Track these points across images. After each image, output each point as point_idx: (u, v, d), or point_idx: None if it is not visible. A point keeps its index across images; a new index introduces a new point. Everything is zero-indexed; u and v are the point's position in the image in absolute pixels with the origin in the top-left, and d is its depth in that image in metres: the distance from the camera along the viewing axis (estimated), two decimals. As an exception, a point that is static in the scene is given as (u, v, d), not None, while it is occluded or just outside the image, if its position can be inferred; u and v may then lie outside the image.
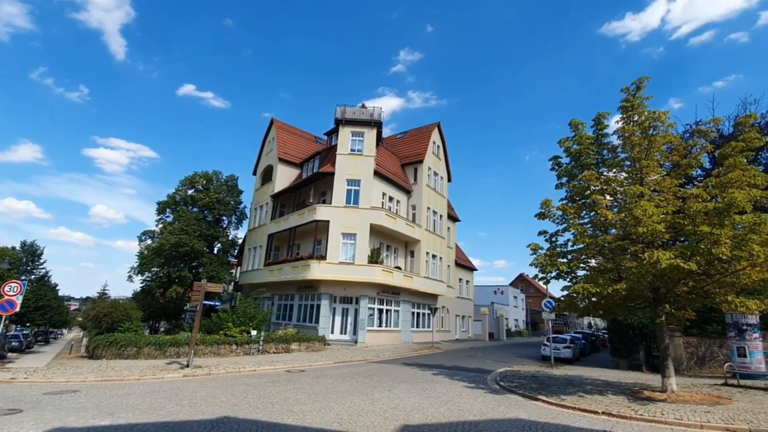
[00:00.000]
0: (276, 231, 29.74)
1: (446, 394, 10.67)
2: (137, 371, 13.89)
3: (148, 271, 29.24)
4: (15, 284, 14.49)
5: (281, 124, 36.00)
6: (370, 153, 27.49)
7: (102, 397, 9.67)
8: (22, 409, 8.18)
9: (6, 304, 13.91)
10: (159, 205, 30.95)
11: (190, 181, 31.93)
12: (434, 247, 32.73)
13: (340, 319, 25.59)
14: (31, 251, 31.96)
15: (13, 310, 14.20)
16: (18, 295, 14.46)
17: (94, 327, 22.10)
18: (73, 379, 12.38)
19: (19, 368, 15.62)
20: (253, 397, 9.56)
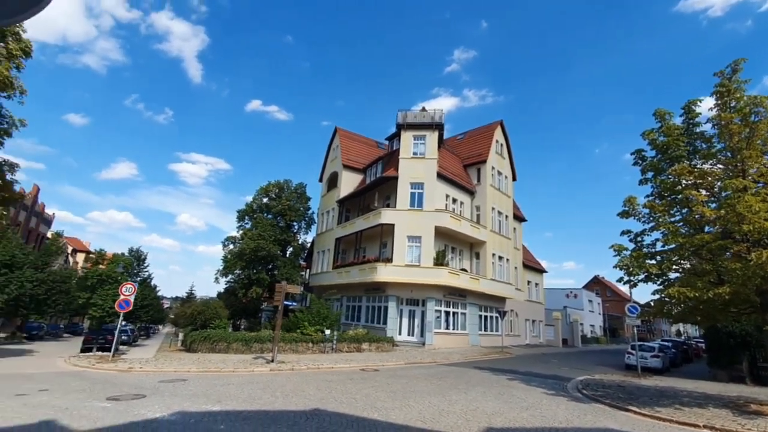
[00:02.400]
0: (343, 235, 30.96)
1: (525, 400, 10.44)
2: (230, 364, 15.37)
3: (231, 273, 32.07)
4: (129, 285, 16.85)
5: (344, 131, 37.41)
6: (432, 155, 27.58)
7: (207, 386, 10.90)
8: (145, 394, 9.53)
9: (123, 302, 16.21)
10: (239, 213, 33.85)
11: (264, 190, 34.47)
12: (500, 248, 31.83)
13: (407, 320, 25.93)
14: (137, 256, 36.79)
15: (129, 308, 16.51)
16: (132, 295, 16.76)
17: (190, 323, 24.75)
18: (180, 370, 14.07)
19: (132, 359, 18.06)
20: (337, 393, 10.17)
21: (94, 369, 14.55)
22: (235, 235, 33.79)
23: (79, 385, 10.77)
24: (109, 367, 14.69)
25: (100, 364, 15.31)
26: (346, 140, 36.17)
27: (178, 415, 7.49)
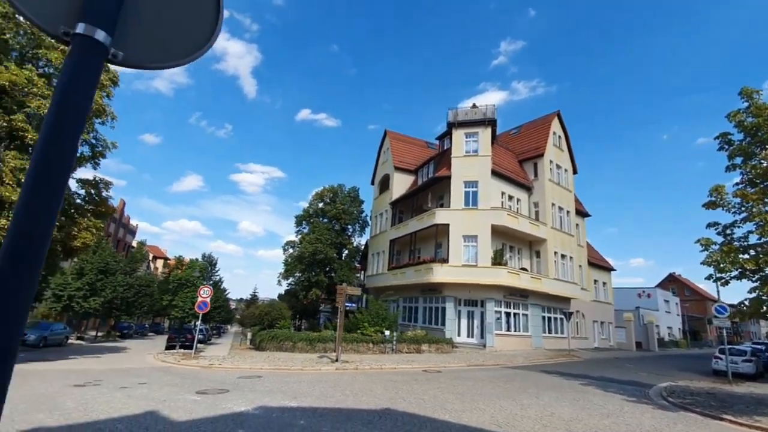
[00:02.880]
0: (397, 236, 31.17)
1: (605, 407, 9.84)
2: (298, 363, 16.12)
3: (292, 276, 33.62)
4: (207, 288, 18.31)
5: (394, 134, 37.69)
6: (485, 153, 26.92)
7: (281, 383, 11.53)
8: (228, 389, 10.29)
9: (202, 304, 17.63)
10: (297, 218, 35.43)
11: (319, 195, 35.75)
12: (562, 245, 30.23)
13: (465, 321, 25.51)
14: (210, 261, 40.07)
15: (207, 309, 17.95)
16: (209, 297, 18.19)
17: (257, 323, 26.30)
18: (254, 367, 15.01)
19: (210, 356, 19.56)
20: (404, 393, 10.28)
21: (180, 365, 15.98)
22: (294, 239, 35.40)
23: (170, 380, 11.89)
24: (193, 364, 16.06)
25: (185, 360, 16.78)
26: (396, 142, 36.39)
27: (261, 409, 8.01)
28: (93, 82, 1.01)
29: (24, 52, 14.35)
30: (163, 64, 1.21)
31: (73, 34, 1.01)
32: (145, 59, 1.17)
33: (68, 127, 0.96)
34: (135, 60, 1.15)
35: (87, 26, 1.01)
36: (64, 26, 1.03)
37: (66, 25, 1.03)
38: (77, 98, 0.98)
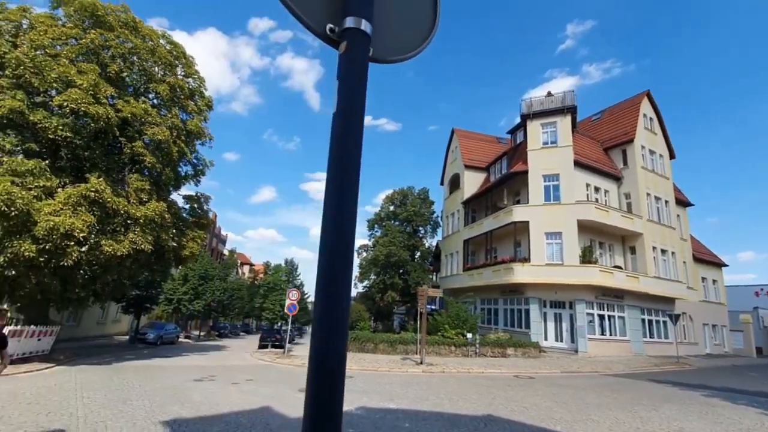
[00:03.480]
0: (471, 236, 30.31)
1: (741, 422, 8.46)
2: (383, 364, 16.32)
3: (367, 279, 34.39)
4: (294, 292, 19.39)
5: (462, 131, 36.85)
6: (565, 143, 25.09)
7: (372, 383, 11.71)
8: (326, 387, 10.68)
9: (291, 306, 18.69)
10: (368, 222, 36.23)
11: (389, 198, 36.20)
12: (662, 239, 27.02)
13: (552, 324, 23.90)
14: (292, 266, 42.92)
15: (296, 311, 18.98)
16: (297, 300, 19.24)
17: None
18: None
19: (301, 356, 20.65)
20: (501, 399, 9.82)
21: (276, 363, 17.09)
22: (367, 243, 36.20)
23: (272, 377, 12.72)
24: (287, 362, 17.09)
25: (280, 359, 17.93)
26: (465, 140, 35.52)
27: (362, 410, 8.16)
28: (366, 75, 0.98)
29: (137, 86, 16.49)
30: (395, 57, 1.17)
31: (344, 30, 0.99)
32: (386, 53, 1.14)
33: (353, 122, 0.93)
34: (378, 53, 1.12)
35: (355, 19, 0.99)
36: (331, 23, 1.02)
37: (332, 22, 1.02)
38: (357, 93, 0.95)
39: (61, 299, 13.24)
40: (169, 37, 16.69)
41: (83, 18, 14.16)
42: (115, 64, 14.32)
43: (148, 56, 15.44)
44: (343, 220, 0.87)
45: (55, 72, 12.26)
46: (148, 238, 13.96)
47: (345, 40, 0.99)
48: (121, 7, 15.14)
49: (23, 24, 13.80)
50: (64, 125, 12.29)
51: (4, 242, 10.61)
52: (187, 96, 16.94)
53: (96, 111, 12.35)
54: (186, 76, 17.37)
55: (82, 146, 13.12)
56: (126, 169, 14.67)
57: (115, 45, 14.35)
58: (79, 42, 13.65)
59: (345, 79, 0.96)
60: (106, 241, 12.63)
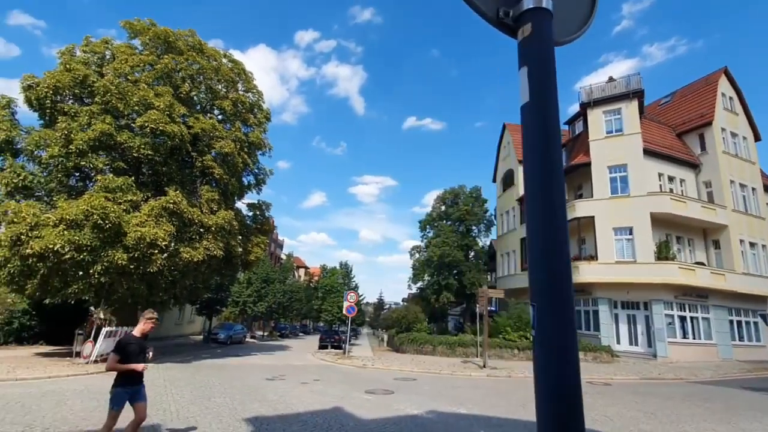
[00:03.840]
0: (529, 234, 29.04)
1: None
2: (444, 367, 16.05)
3: (420, 280, 34.15)
4: (352, 294, 19.73)
5: (514, 126, 35.50)
6: (633, 130, 23.21)
7: (438, 387, 11.53)
8: (392, 390, 10.67)
9: (350, 308, 19.02)
10: (420, 223, 35.97)
11: (441, 198, 35.70)
12: (750, 231, 24.08)
13: (625, 327, 22.16)
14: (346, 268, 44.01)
15: (354, 313, 19.29)
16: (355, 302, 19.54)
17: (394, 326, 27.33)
18: (404, 369, 15.45)
19: (360, 357, 20.91)
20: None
21: (337, 364, 17.45)
22: (419, 244, 35.97)
23: (337, 378, 12.98)
24: (348, 363, 17.38)
25: (341, 360, 18.29)
26: (518, 134, 34.10)
27: (434, 414, 8.03)
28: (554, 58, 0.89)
29: (204, 104, 17.72)
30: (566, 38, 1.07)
31: (524, 12, 0.91)
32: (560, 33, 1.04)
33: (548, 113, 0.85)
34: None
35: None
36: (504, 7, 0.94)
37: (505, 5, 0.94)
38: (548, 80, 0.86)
39: (148, 302, 14.54)
40: (230, 55, 17.80)
41: (157, 45, 15.50)
42: (185, 84, 15.52)
43: (213, 75, 16.54)
44: (553, 219, 0.79)
45: (136, 96, 13.52)
46: (219, 245, 14.91)
47: (528, 23, 0.90)
48: (188, 32, 16.39)
49: (106, 55, 15.39)
50: (146, 144, 13.52)
51: (101, 252, 11.84)
52: (247, 110, 17.91)
53: (172, 129, 13.45)
54: (246, 91, 18.38)
55: (161, 162, 14.34)
56: (198, 181, 15.79)
57: (185, 67, 15.55)
58: (154, 67, 14.96)
59: (533, 65, 0.88)
60: (184, 248, 13.67)
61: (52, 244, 11.01)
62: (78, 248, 11.44)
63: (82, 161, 12.72)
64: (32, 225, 11.17)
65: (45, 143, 12.83)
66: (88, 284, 12.27)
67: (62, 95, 13.58)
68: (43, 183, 13.16)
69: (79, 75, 13.41)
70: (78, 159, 12.67)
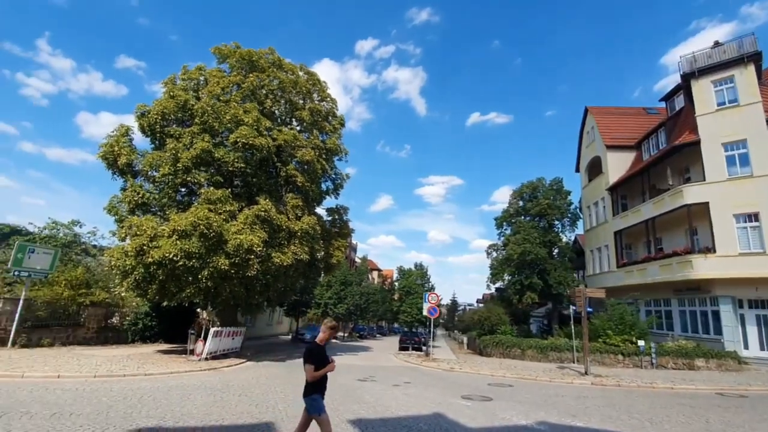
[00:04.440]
0: (624, 227, 26.17)
1: None
2: (539, 372, 14.96)
3: (500, 279, 32.59)
4: (434, 295, 19.37)
5: (597, 109, 32.50)
6: (751, 99, 19.77)
7: (538, 394, 10.69)
8: (490, 397, 10.09)
9: (432, 310, 18.68)
10: (497, 220, 34.34)
11: (518, 193, 33.75)
12: None
13: (755, 330, 18.84)
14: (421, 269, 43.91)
15: (437, 314, 18.89)
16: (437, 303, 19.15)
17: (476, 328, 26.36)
18: (495, 374, 14.66)
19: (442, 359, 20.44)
20: (719, 424, 7.86)
21: (423, 366, 17.20)
22: (496, 242, 34.35)
23: (427, 381, 12.71)
24: (434, 366, 17.03)
25: (426, 362, 18.01)
26: (602, 117, 31.18)
27: (546, 426, 7.36)
28: None
29: (283, 117, 18.70)
30: None
31: None
32: None
33: None
34: None
35: None
36: None
37: None
38: None
39: (246, 304, 15.65)
40: (305, 68, 18.60)
41: (242, 66, 16.72)
42: (268, 100, 16.52)
43: (291, 88, 17.40)
44: None
45: (228, 115, 14.67)
46: (305, 249, 15.56)
47: None
48: (268, 50, 17.45)
49: (201, 80, 16.94)
50: (238, 158, 14.60)
51: (207, 258, 12.98)
52: (323, 118, 18.55)
53: (260, 142, 14.37)
54: (321, 100, 19.05)
55: (251, 174, 15.38)
56: (282, 189, 16.68)
57: (267, 83, 16.55)
58: (241, 87, 16.13)
59: None
60: (275, 253, 14.47)
61: (168, 252, 12.31)
62: (188, 256, 12.65)
63: (187, 177, 14.14)
64: (151, 236, 12.61)
65: (157, 163, 14.47)
66: (198, 288, 13.53)
67: (168, 120, 15.22)
68: (157, 199, 14.84)
69: (180, 100, 14.93)
70: (184, 175, 14.10)
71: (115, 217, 15.05)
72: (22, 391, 7.91)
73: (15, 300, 13.62)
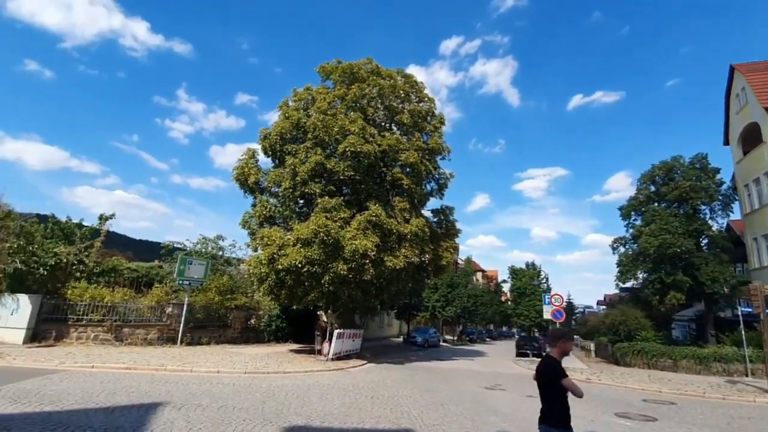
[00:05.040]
0: (807, 207, 20.61)
1: None
2: (706, 387, 12.40)
3: (632, 278, 28.39)
4: (557, 296, 17.59)
5: (747, 65, 26.55)
6: None
7: (713, 416, 8.75)
8: (651, 416, 8.54)
9: (557, 313, 16.96)
10: (622, 210, 30.05)
11: (648, 176, 29.05)
12: None
13: None
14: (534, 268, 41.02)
15: (562, 318, 17.11)
16: (561, 305, 17.35)
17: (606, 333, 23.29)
18: (646, 388, 12.55)
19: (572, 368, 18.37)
20: None
21: (551, 375, 15.65)
22: (623, 236, 30.05)
23: (564, 392, 11.42)
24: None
25: (553, 370, 16.39)
26: (756, 75, 25.25)
27: (749, 459, 5.85)
28: None
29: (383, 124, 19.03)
30: None
31: None
32: None
33: None
34: None
35: None
36: None
37: None
38: None
39: (363, 307, 16.18)
40: (402, 71, 18.72)
41: (344, 79, 17.50)
42: (370, 108, 16.98)
43: (390, 93, 17.63)
44: None
45: (336, 127, 15.44)
46: (415, 251, 15.49)
47: None
48: (366, 60, 18.01)
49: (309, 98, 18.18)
50: (348, 166, 15.26)
51: (327, 264, 13.74)
52: (423, 118, 18.40)
53: (367, 149, 14.81)
54: (419, 101, 18.94)
55: (359, 180, 15.93)
56: (389, 193, 16.91)
57: (368, 92, 17.04)
58: (344, 99, 16.88)
59: None
60: (387, 257, 14.67)
61: (294, 260, 13.35)
62: (311, 262, 13.55)
63: (305, 189, 15.25)
64: (280, 246, 13.83)
65: (279, 179, 15.92)
66: (321, 292, 14.41)
67: (285, 139, 16.66)
68: (280, 212, 16.32)
69: (294, 120, 16.23)
70: (302, 187, 15.23)
71: (248, 230, 16.97)
72: (193, 384, 9.15)
73: (180, 305, 16.21)
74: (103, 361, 10.70)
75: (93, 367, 10.07)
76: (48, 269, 13.88)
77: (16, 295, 13.00)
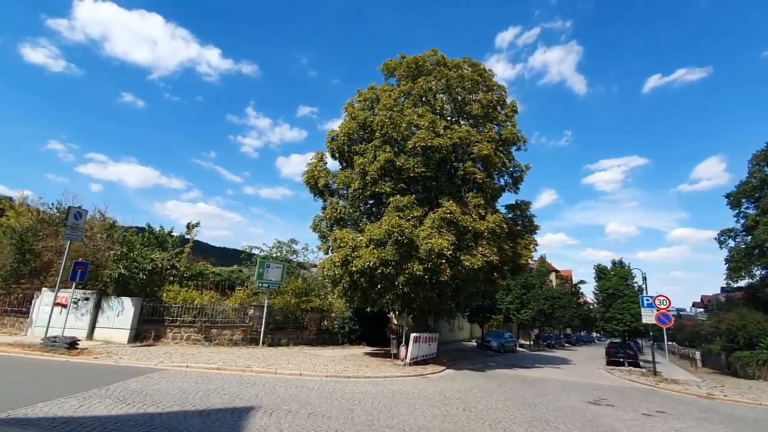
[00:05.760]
0: None
1: None
2: None
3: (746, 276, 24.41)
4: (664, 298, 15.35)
5: None
6: None
7: None
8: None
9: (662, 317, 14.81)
10: (730, 197, 26.00)
11: (762, 157, 24.80)
12: None
13: None
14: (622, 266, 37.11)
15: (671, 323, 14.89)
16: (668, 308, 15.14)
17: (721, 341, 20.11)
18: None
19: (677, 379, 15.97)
20: None
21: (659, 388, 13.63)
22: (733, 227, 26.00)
23: (687, 411, 9.72)
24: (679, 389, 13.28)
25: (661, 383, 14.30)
26: None
27: None
28: None
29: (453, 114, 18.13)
30: None
31: None
32: None
33: None
34: None
35: None
36: None
37: None
38: None
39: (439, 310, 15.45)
40: (470, 59, 17.72)
41: (409, 74, 16.96)
42: (438, 101, 16.24)
43: (458, 84, 16.74)
44: None
45: (404, 123, 14.95)
46: (493, 250, 14.42)
47: None
48: (431, 52, 17.32)
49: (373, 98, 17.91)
50: (418, 162, 14.67)
51: (402, 265, 13.24)
52: (494, 108, 17.24)
53: (438, 142, 14.12)
54: (488, 90, 17.78)
55: (431, 177, 15.25)
56: (462, 188, 16.00)
57: (435, 84, 16.32)
58: (410, 95, 16.33)
59: None
60: (464, 256, 13.80)
61: (367, 261, 13.03)
62: (385, 263, 13.13)
63: (375, 188, 14.93)
64: (353, 247, 13.62)
65: (348, 181, 15.80)
66: (396, 294, 13.94)
67: (352, 139, 16.55)
68: (350, 213, 16.19)
69: (360, 119, 16.03)
70: (372, 187, 14.93)
71: (318, 233, 17.09)
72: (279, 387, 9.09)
73: (260, 307, 16.76)
74: (195, 361, 11.16)
75: (188, 366, 10.51)
76: (146, 274, 15.05)
77: (121, 298, 14.33)
